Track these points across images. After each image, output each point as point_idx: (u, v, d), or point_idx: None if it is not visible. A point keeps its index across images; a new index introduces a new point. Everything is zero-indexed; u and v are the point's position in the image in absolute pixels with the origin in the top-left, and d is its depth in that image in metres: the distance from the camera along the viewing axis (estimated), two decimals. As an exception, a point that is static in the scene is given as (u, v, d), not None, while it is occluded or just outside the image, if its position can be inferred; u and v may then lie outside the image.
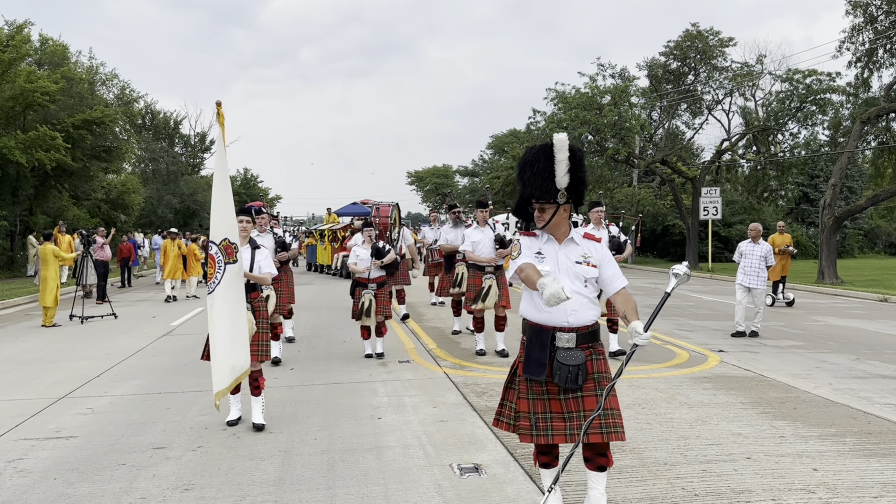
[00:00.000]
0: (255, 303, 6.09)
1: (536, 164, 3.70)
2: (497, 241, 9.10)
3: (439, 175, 68.78)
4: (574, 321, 3.68)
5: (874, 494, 4.32)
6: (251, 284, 6.06)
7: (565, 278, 3.68)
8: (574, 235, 3.86)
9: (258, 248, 6.26)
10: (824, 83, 27.91)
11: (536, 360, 3.67)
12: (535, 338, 3.72)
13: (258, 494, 4.39)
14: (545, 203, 3.74)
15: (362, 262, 8.84)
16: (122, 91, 34.78)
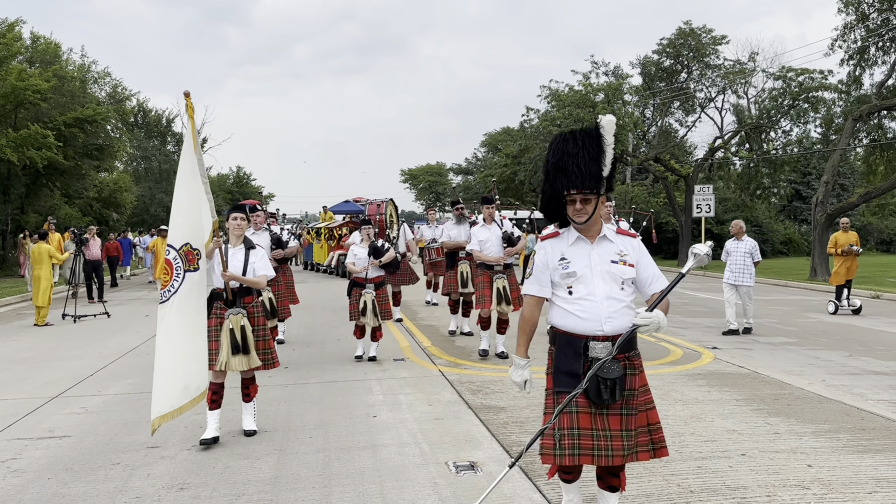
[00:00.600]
0: (251, 308, 5.62)
1: (583, 149, 3.32)
2: (505, 238, 8.70)
3: (433, 173, 68.75)
4: (610, 329, 3.31)
5: (868, 490, 4.34)
6: (245, 289, 5.60)
7: (599, 281, 3.35)
8: (607, 231, 3.47)
9: (253, 249, 5.77)
10: (817, 81, 28.02)
11: (568, 371, 3.34)
12: (565, 347, 3.37)
13: (253, 493, 4.38)
14: (589, 194, 3.33)
15: (360, 262, 8.54)
16: (114, 89, 34.67)
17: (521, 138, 36.48)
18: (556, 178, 3.38)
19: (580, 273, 3.38)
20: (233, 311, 5.49)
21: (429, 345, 9.82)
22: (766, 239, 37.81)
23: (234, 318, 5.46)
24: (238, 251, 5.68)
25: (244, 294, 5.61)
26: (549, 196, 3.46)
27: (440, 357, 8.91)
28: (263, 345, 5.63)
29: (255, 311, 5.66)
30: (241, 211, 5.90)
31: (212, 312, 5.42)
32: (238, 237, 5.76)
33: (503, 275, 8.63)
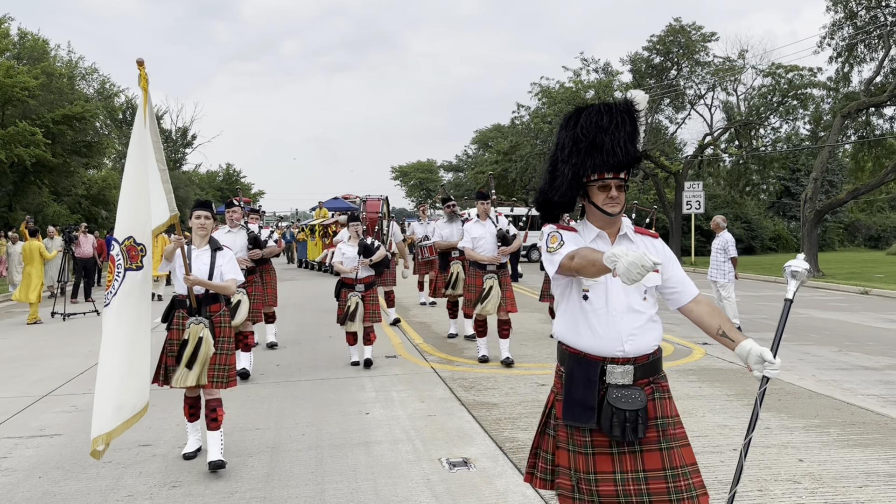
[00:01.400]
0: (216, 317, 4.96)
1: (620, 125, 2.71)
2: (499, 237, 8.13)
3: (423, 170, 68.76)
4: (632, 349, 2.67)
5: (858, 484, 4.37)
6: (211, 295, 4.98)
7: (618, 289, 2.72)
8: (628, 230, 2.85)
9: (219, 251, 5.15)
10: (805, 78, 28.19)
11: (580, 401, 2.69)
12: (577, 371, 2.72)
13: (246, 491, 4.37)
14: (622, 180, 2.74)
15: (348, 261, 7.99)
16: (103, 86, 34.44)
17: (512, 135, 36.52)
18: (586, 157, 2.71)
19: (599, 278, 2.72)
20: (194, 321, 4.85)
21: (421, 342, 9.82)
22: (756, 235, 38.00)
23: (194, 328, 4.82)
24: (203, 253, 5.10)
25: (210, 301, 4.98)
26: (569, 180, 2.76)
27: (432, 354, 8.91)
28: (224, 359, 4.90)
29: (221, 321, 5.03)
30: (204, 209, 5.23)
31: (172, 323, 4.93)
32: (202, 237, 5.18)
33: (495, 275, 8.09)
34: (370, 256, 7.99)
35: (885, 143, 25.83)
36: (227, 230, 7.77)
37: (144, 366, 4.30)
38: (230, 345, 5.01)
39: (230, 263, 5.14)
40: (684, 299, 2.85)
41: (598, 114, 2.74)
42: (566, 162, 2.76)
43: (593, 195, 2.75)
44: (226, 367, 4.91)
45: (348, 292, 7.98)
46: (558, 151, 2.82)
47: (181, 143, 52.16)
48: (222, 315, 5.05)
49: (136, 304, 4.25)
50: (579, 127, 2.75)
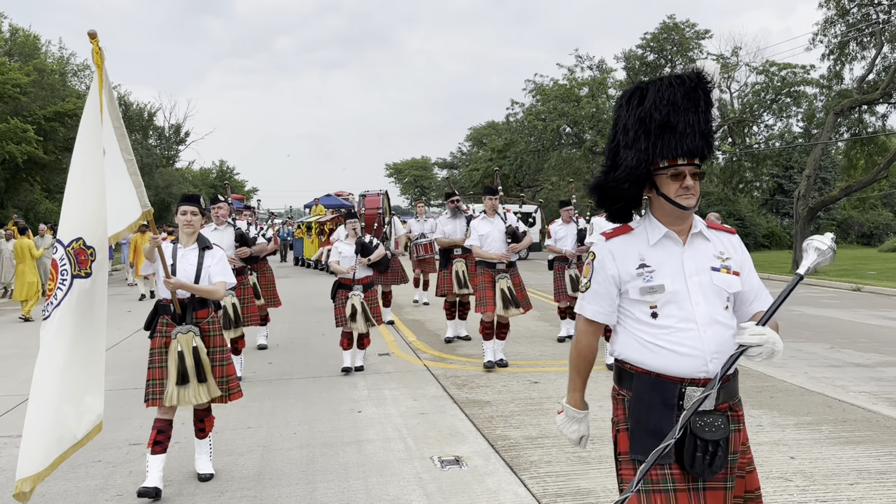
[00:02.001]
0: (204, 325, 4.50)
1: (695, 102, 2.32)
2: (509, 233, 7.69)
3: (418, 167, 68.70)
4: (715, 369, 2.28)
5: (850, 481, 4.38)
6: (199, 300, 4.51)
7: (699, 298, 2.33)
8: (702, 227, 2.43)
9: (208, 250, 4.64)
10: (799, 75, 28.27)
11: (654, 430, 2.27)
12: (649, 395, 2.30)
13: (237, 490, 4.35)
14: (697, 166, 2.36)
15: (346, 261, 7.53)
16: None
17: (507, 132, 36.52)
18: (658, 140, 2.31)
19: (671, 287, 2.34)
20: (182, 329, 4.36)
21: (414, 339, 9.80)
22: (749, 232, 38.07)
23: (184, 337, 4.34)
24: (189, 252, 4.60)
25: (198, 306, 4.50)
26: (633, 169, 2.35)
27: (425, 352, 8.89)
28: (220, 371, 4.51)
29: (210, 329, 4.53)
30: (191, 203, 4.72)
31: (156, 330, 4.45)
32: (189, 235, 4.67)
33: (506, 274, 7.66)
34: (368, 256, 7.56)
35: (877, 141, 25.92)
36: (214, 228, 7.38)
37: (83, 389, 3.65)
38: (225, 353, 4.59)
39: (220, 264, 4.63)
40: (752, 311, 2.44)
41: (668, 88, 2.34)
42: (630, 147, 2.36)
43: (663, 185, 2.34)
44: (227, 378, 4.53)
45: (346, 294, 7.50)
46: (620, 135, 2.41)
47: (174, 140, 51.95)
48: (211, 322, 4.56)
49: (81, 319, 3.63)
50: (647, 105, 2.34)
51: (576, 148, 31.05)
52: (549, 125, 30.02)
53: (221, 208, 7.51)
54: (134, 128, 47.72)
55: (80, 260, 3.63)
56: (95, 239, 3.68)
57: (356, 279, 7.50)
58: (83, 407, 3.64)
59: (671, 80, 2.35)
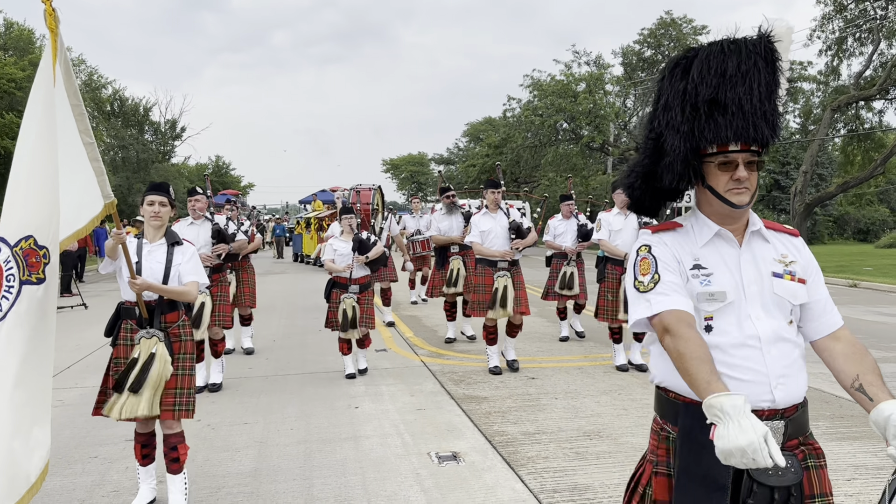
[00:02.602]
0: (173, 329, 4.03)
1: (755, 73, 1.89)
2: (513, 229, 7.25)
3: (414, 163, 68.59)
4: (783, 396, 1.90)
5: (847, 477, 4.38)
6: (167, 302, 4.02)
7: (758, 310, 1.94)
8: (760, 225, 2.05)
9: (178, 246, 4.15)
10: (796, 71, 28.28)
11: (707, 476, 1.83)
12: (702, 432, 1.75)
13: (234, 486, 4.33)
14: (755, 153, 1.96)
15: (342, 259, 7.06)
16: (90, 77, 34.17)
17: (504, 128, 36.49)
18: (707, 121, 1.90)
19: (731, 296, 1.94)
20: (145, 334, 3.93)
21: (411, 335, 9.79)
22: (746, 228, 38.09)
23: (145, 342, 3.92)
24: (157, 248, 4.11)
25: (167, 309, 4.03)
26: (684, 156, 1.94)
27: (422, 347, 8.88)
28: (185, 381, 4.00)
29: (180, 334, 4.07)
30: (159, 192, 4.17)
31: (119, 337, 3.99)
32: (157, 229, 4.16)
33: (507, 272, 7.23)
34: (366, 253, 7.06)
35: (874, 137, 25.96)
36: (190, 222, 6.81)
37: (43, 416, 3.04)
38: (191, 362, 4.08)
39: (191, 262, 4.15)
40: (823, 330, 2.03)
41: (720, 55, 1.90)
42: (677, 130, 1.94)
43: (710, 176, 1.95)
44: (187, 391, 3.99)
45: (340, 294, 7.05)
46: (662, 113, 1.99)
47: (170, 135, 51.82)
48: (181, 326, 4.09)
49: (33, 333, 2.99)
50: (693, 75, 1.92)
51: (573, 144, 31.03)
52: (546, 121, 30.01)
53: (199, 201, 6.91)
54: (130, 123, 47.69)
55: (31, 263, 3.02)
56: (48, 237, 3.06)
57: (353, 279, 7.05)
58: (32, 441, 2.99)
59: (723, 46, 1.91)
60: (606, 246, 7.28)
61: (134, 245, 4.09)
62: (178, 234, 4.28)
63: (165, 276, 4.04)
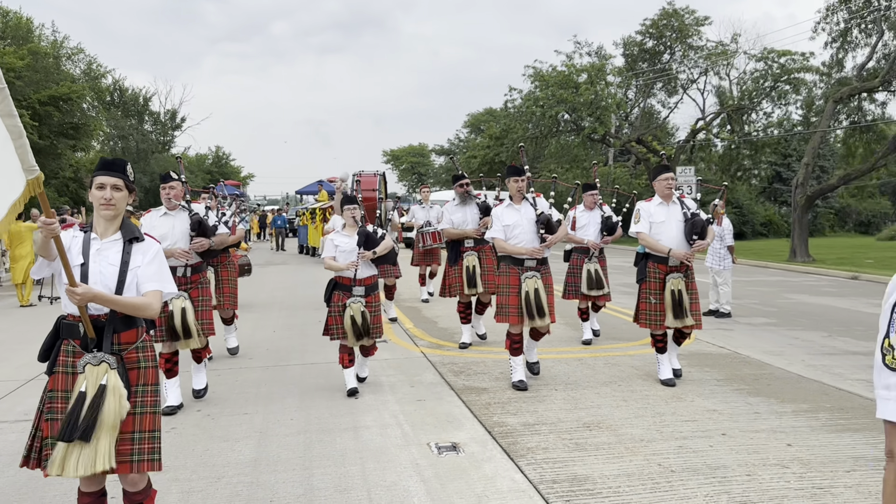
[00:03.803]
0: (130, 353, 3.09)
1: None
2: (542, 222, 6.20)
3: (415, 154, 68.49)
4: None
5: (847, 468, 4.38)
6: (121, 318, 3.07)
7: None
8: None
9: (138, 242, 3.16)
10: (798, 63, 28.20)
11: None
12: None
13: (234, 476, 4.33)
14: None
15: (344, 256, 6.05)
16: (89, 66, 34.07)
17: (505, 119, 36.40)
18: None
19: None
20: (92, 359, 2.98)
21: (411, 326, 9.79)
22: (747, 220, 38.12)
23: (93, 370, 2.97)
24: (109, 247, 3.12)
25: (121, 327, 3.08)
26: None
27: (423, 339, 8.88)
28: (145, 422, 3.06)
29: (139, 359, 3.11)
30: (111, 172, 3.12)
31: (57, 363, 3.05)
32: (109, 220, 3.15)
33: (536, 272, 6.22)
34: (373, 249, 6.02)
35: (876, 129, 25.88)
36: (164, 212, 5.84)
37: None
38: (153, 396, 3.13)
39: (154, 265, 3.15)
40: None
41: None
42: None
43: None
44: (150, 434, 3.06)
45: (344, 296, 6.04)
46: None
47: (170, 125, 51.71)
48: (141, 349, 3.14)
49: None
50: None
51: (574, 135, 30.96)
52: (548, 112, 29.93)
53: (174, 188, 5.84)
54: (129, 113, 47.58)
55: None
56: None
57: (357, 279, 6.01)
58: None
59: None
60: (647, 241, 6.31)
61: (79, 241, 3.12)
62: (139, 228, 3.29)
63: (119, 282, 3.06)
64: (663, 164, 6.76)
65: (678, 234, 6.26)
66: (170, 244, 5.63)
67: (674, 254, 6.21)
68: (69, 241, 3.09)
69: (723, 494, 3.99)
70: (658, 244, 6.28)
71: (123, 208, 3.20)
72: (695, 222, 6.22)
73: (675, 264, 6.28)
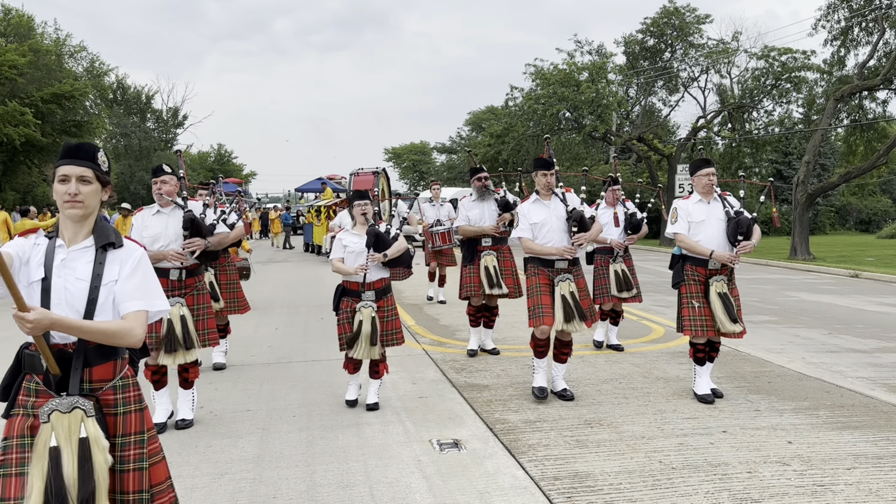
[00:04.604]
0: (106, 394, 2.48)
1: None
2: (574, 219, 5.67)
3: (416, 152, 68.48)
4: None
5: (847, 466, 4.40)
6: (96, 349, 2.44)
7: None
8: None
9: (114, 249, 2.52)
10: (799, 61, 28.18)
11: None
12: None
13: (237, 472, 4.36)
14: None
15: (353, 257, 5.50)
16: (92, 64, 34.10)
17: (506, 117, 36.39)
18: None
19: None
20: (59, 405, 2.37)
21: (413, 323, 9.81)
22: (748, 219, 38.05)
23: (62, 420, 2.35)
24: (77, 256, 2.48)
25: (94, 360, 2.45)
26: None
27: (424, 336, 8.90)
28: (131, 481, 2.48)
29: (115, 402, 2.49)
30: (77, 160, 2.48)
31: (17, 403, 2.45)
32: (77, 222, 2.49)
33: (569, 275, 5.71)
34: (385, 250, 5.47)
35: (877, 127, 25.88)
36: (156, 210, 5.26)
37: None
38: (139, 448, 2.52)
39: (136, 277, 2.50)
40: None
41: None
42: None
43: None
44: (135, 496, 2.48)
45: (352, 303, 5.53)
46: None
47: (172, 123, 51.75)
48: (120, 388, 2.51)
49: None
50: None
51: (575, 133, 30.95)
52: (549, 109, 29.92)
53: (167, 183, 5.27)
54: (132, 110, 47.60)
55: None
56: None
57: (367, 283, 5.47)
58: None
59: None
60: (685, 242, 5.78)
61: (41, 251, 2.48)
62: (117, 232, 2.58)
63: (90, 301, 2.42)
64: (704, 158, 6.07)
65: (719, 234, 5.70)
66: (163, 245, 5.12)
67: (717, 256, 5.65)
68: (28, 251, 2.47)
69: (723, 491, 4.01)
70: (698, 246, 5.72)
71: (95, 206, 2.52)
72: (739, 221, 5.63)
73: (715, 267, 5.74)
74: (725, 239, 5.69)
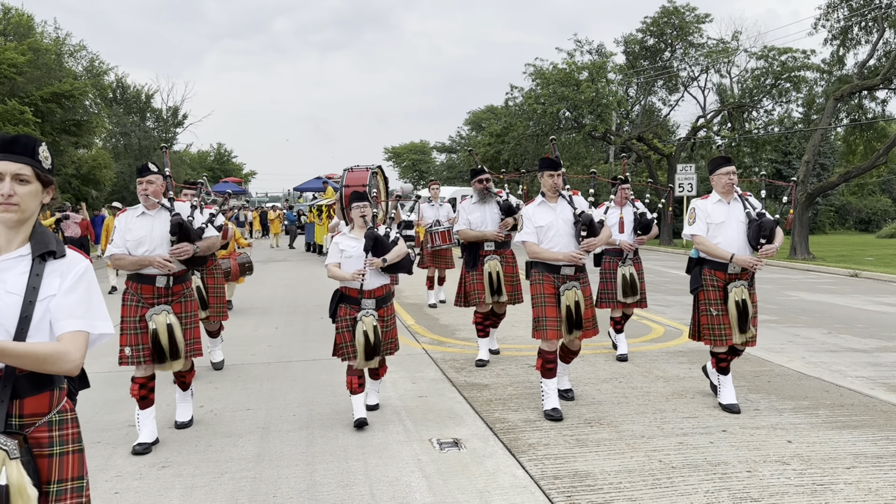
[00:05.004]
0: (39, 430, 2.10)
1: None
2: (583, 223, 5.32)
3: (416, 151, 68.48)
4: None
5: (847, 465, 4.41)
6: (28, 377, 2.05)
7: None
8: None
9: (55, 259, 2.13)
10: (799, 60, 28.19)
11: None
12: None
13: (237, 471, 4.36)
14: None
15: (351, 262, 5.14)
16: (92, 63, 34.08)
17: (505, 116, 36.39)
18: None
19: None
20: None
21: (412, 323, 9.81)
22: (747, 218, 38.06)
23: None
24: (10, 267, 2.10)
25: (26, 391, 2.08)
26: None
27: (424, 335, 8.91)
28: None
29: (52, 441, 2.13)
30: (14, 155, 2.11)
31: None
32: (11, 228, 2.12)
33: (575, 282, 5.38)
34: (384, 255, 5.13)
35: (876, 127, 25.89)
36: (141, 212, 4.90)
37: None
38: (78, 497, 2.16)
39: (77, 292, 2.12)
40: None
41: None
42: None
43: None
44: None
45: (351, 310, 5.15)
46: None
47: (172, 122, 51.72)
48: (56, 423, 2.17)
49: None
50: None
51: (575, 132, 30.95)
52: (549, 109, 29.93)
53: (152, 183, 4.91)
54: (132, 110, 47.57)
55: None
56: None
57: (367, 291, 5.12)
58: None
59: None
60: (705, 245, 5.45)
61: None
62: (57, 239, 2.20)
63: (23, 319, 2.04)
64: (724, 156, 5.67)
65: (739, 236, 5.41)
66: (148, 250, 4.77)
67: (737, 260, 5.36)
68: None
69: (723, 491, 4.02)
70: (718, 249, 5.40)
71: (34, 210, 2.15)
72: (762, 223, 5.34)
73: (735, 271, 5.45)
74: (746, 242, 5.42)
